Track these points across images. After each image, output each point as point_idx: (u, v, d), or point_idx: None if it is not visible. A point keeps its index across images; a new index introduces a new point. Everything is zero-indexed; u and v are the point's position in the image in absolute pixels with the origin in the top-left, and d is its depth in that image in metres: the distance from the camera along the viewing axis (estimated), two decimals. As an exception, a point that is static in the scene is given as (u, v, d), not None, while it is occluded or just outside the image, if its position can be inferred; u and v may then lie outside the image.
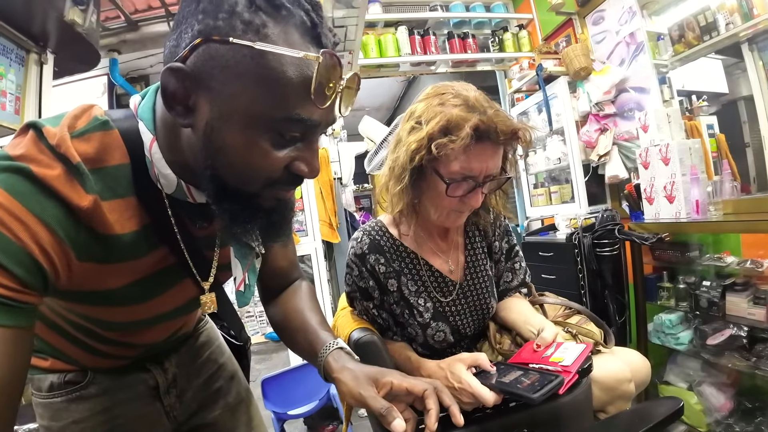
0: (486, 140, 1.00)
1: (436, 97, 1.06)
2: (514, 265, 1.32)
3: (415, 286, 1.18)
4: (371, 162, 2.91)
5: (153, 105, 0.63)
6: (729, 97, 2.55)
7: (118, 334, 0.79)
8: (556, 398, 0.96)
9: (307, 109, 0.55)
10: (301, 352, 0.86)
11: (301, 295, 0.94)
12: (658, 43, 2.68)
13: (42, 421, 0.84)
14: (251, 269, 0.75)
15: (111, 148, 0.60)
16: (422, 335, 1.17)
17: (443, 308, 1.19)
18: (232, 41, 0.51)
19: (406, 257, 1.19)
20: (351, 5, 2.20)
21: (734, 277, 2.02)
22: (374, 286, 1.17)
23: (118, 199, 0.60)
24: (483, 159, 1.01)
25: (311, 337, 0.83)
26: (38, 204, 0.52)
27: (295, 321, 0.88)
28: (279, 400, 2.40)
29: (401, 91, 6.73)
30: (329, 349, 0.78)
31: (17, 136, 0.56)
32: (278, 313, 0.93)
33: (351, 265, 1.19)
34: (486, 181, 1.05)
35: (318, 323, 0.86)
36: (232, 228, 0.63)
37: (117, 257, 0.62)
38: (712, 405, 2.09)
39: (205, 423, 0.98)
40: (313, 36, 0.56)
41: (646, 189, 2.37)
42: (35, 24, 1.65)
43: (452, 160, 1.01)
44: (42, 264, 0.52)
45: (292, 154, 0.59)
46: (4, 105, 1.58)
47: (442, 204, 1.08)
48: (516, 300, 1.29)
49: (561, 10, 3.09)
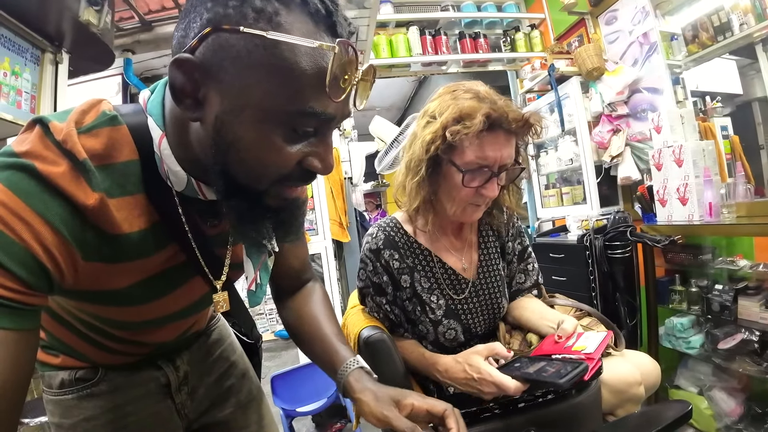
0: (498, 128, 1.03)
1: (448, 94, 1.10)
2: (527, 267, 1.32)
3: (428, 283, 1.19)
4: (381, 162, 2.92)
5: (162, 99, 0.61)
6: (743, 98, 2.52)
7: (129, 333, 0.78)
8: (570, 397, 0.96)
9: (321, 102, 0.53)
10: (318, 361, 0.87)
11: (315, 299, 0.94)
12: (671, 43, 2.65)
13: (53, 418, 0.83)
14: (263, 268, 0.74)
15: (119, 144, 0.58)
16: (433, 332, 1.18)
17: (455, 306, 1.20)
18: (242, 30, 0.49)
19: (419, 254, 1.20)
20: (363, 5, 2.21)
21: (747, 280, 1.99)
22: (388, 281, 1.18)
23: (126, 197, 0.58)
24: (497, 147, 1.04)
25: (329, 351, 0.83)
26: (42, 203, 0.50)
27: (311, 328, 0.88)
28: (288, 397, 2.42)
29: (412, 91, 6.73)
30: (349, 368, 0.79)
31: (24, 132, 0.55)
32: (293, 317, 0.93)
33: (365, 260, 1.20)
34: (501, 170, 1.07)
35: (335, 335, 0.86)
36: (240, 226, 0.62)
37: (125, 256, 0.60)
38: (722, 410, 2.07)
39: (216, 421, 0.98)
40: (328, 25, 0.53)
41: (659, 191, 2.35)
42: (50, 24, 1.67)
43: (467, 149, 1.04)
44: (46, 265, 0.50)
45: (305, 150, 0.56)
46: (20, 103, 1.61)
47: (459, 196, 1.09)
48: (529, 299, 1.30)
49: (573, 9, 3.06)
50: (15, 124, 1.57)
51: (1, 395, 0.47)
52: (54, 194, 0.51)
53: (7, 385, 0.48)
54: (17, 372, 0.49)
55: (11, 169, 0.50)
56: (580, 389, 1.04)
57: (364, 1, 2.19)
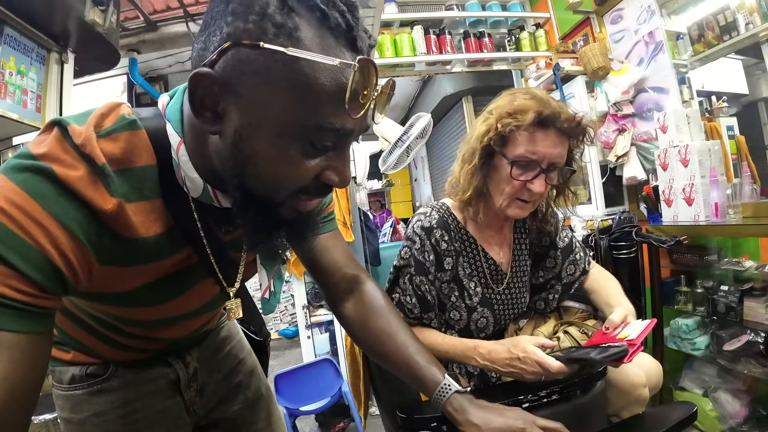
0: (551, 126, 1.08)
1: (508, 95, 1.16)
2: (575, 257, 1.34)
3: (470, 269, 1.22)
4: (386, 161, 2.91)
5: (181, 106, 0.61)
6: (749, 98, 2.51)
7: (141, 330, 0.79)
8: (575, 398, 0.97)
9: (340, 117, 0.53)
10: (408, 381, 0.86)
11: (378, 308, 0.91)
12: (677, 42, 2.64)
13: (62, 413, 0.84)
14: (277, 276, 0.75)
15: (138, 149, 0.58)
16: (466, 319, 1.20)
17: (490, 296, 1.23)
18: (262, 46, 0.49)
19: (465, 240, 1.23)
20: (367, 5, 2.20)
21: (753, 281, 1.98)
22: (433, 260, 1.18)
23: (144, 201, 0.59)
24: (547, 144, 1.08)
25: (419, 376, 0.84)
26: (59, 206, 0.50)
27: (388, 348, 0.87)
28: (291, 396, 2.42)
29: (416, 90, 6.71)
30: (445, 393, 0.80)
31: (42, 134, 0.55)
32: (362, 334, 0.91)
33: (413, 238, 1.20)
34: (550, 168, 1.10)
35: (418, 352, 0.86)
36: (255, 237, 0.62)
37: (139, 259, 0.61)
38: (727, 412, 2.06)
39: (224, 417, 0.99)
40: (348, 39, 0.53)
41: (665, 191, 2.34)
42: (56, 24, 1.68)
43: (518, 142, 1.09)
44: (61, 268, 0.50)
45: (322, 164, 0.57)
46: (26, 103, 1.62)
47: (507, 189, 1.13)
48: (606, 279, 1.35)
49: (578, 8, 3.05)
50: (21, 123, 1.58)
51: (14, 398, 0.47)
52: (71, 198, 0.51)
53: (19, 387, 0.48)
54: (30, 375, 0.49)
55: (29, 171, 0.50)
56: (585, 390, 1.04)
57: (368, 1, 2.19)
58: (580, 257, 1.35)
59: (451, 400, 0.79)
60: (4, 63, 1.51)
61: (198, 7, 2.25)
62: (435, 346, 1.13)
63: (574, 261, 1.33)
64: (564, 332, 1.20)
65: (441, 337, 1.17)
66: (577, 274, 1.33)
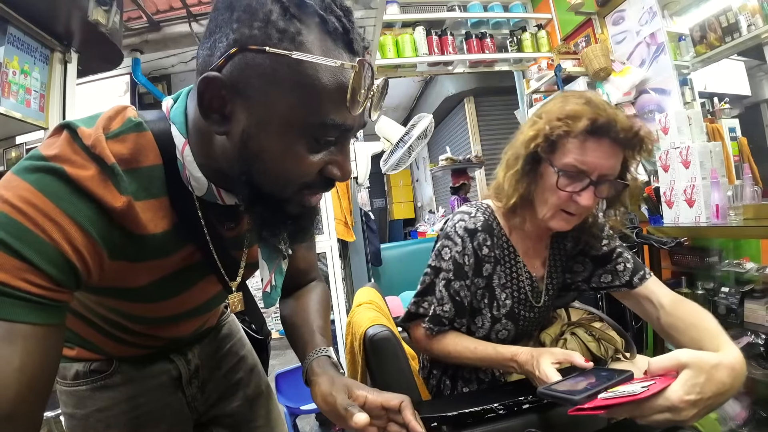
0: (604, 136, 0.98)
1: (560, 98, 1.08)
2: (616, 267, 1.19)
3: (505, 279, 1.16)
4: (387, 162, 2.92)
5: (185, 109, 0.64)
6: (752, 99, 2.51)
7: (145, 327, 0.80)
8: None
9: (341, 114, 0.56)
10: (296, 349, 0.87)
11: (312, 295, 0.95)
12: (679, 43, 2.64)
13: (66, 409, 0.86)
14: (278, 270, 0.76)
15: (145, 150, 0.61)
16: (488, 328, 1.15)
17: (519, 311, 1.17)
18: (268, 50, 0.52)
19: (506, 249, 1.16)
20: (369, 6, 2.21)
21: (753, 283, 1.99)
22: (472, 264, 1.12)
23: (151, 199, 0.62)
24: (599, 155, 0.99)
25: (307, 338, 0.84)
26: (72, 204, 0.52)
27: (298, 319, 0.89)
28: (292, 395, 2.43)
29: (418, 91, 6.73)
30: (317, 354, 0.79)
31: (51, 136, 0.57)
32: (287, 308, 0.94)
33: (454, 239, 1.12)
34: (600, 181, 1.01)
35: (319, 327, 0.87)
36: (262, 232, 0.65)
37: (148, 255, 0.63)
38: (727, 414, 2.05)
39: (224, 414, 1.00)
40: (345, 42, 0.57)
41: (666, 192, 2.34)
42: (59, 23, 1.69)
43: (567, 151, 1.00)
44: (74, 263, 0.53)
45: (326, 158, 0.60)
46: (29, 102, 1.63)
47: (552, 199, 1.05)
48: (700, 318, 1.01)
49: (580, 10, 3.05)
50: (24, 122, 1.59)
51: (30, 388, 0.49)
52: (83, 196, 0.54)
53: (35, 377, 0.50)
54: (45, 365, 0.51)
55: (41, 172, 0.52)
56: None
57: (370, 2, 2.20)
58: (625, 268, 1.18)
59: (321, 359, 0.78)
60: (7, 62, 1.52)
61: (201, 8, 2.26)
62: (465, 353, 1.10)
63: (614, 271, 1.19)
64: (571, 333, 1.19)
65: (474, 343, 1.12)
66: (616, 283, 1.19)
